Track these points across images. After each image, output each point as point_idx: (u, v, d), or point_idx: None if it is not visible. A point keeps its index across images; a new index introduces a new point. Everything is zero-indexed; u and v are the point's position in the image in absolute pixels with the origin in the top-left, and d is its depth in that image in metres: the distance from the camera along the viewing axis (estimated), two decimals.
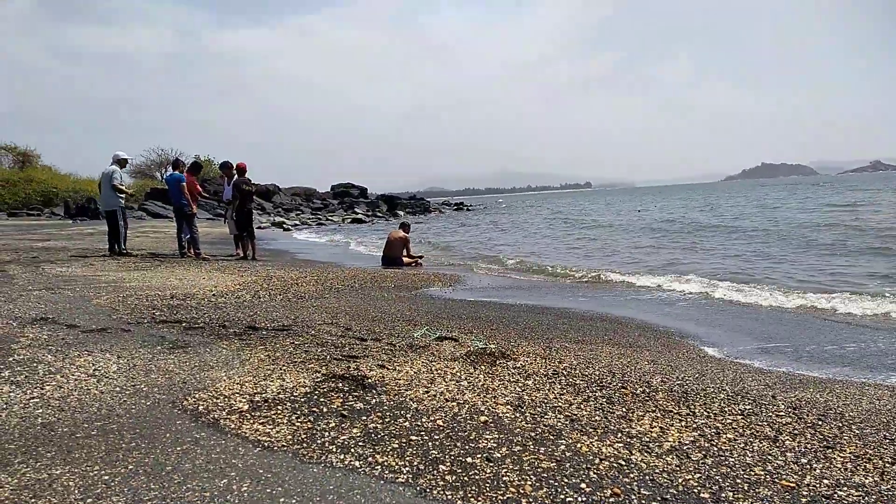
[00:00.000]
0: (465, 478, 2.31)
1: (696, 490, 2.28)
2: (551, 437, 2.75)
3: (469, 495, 2.19)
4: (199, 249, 11.35)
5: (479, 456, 2.51)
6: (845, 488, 2.33)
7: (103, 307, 5.68)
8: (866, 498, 2.26)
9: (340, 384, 3.40)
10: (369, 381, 3.47)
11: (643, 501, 2.19)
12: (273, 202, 42.63)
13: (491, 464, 2.44)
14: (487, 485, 2.26)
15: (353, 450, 2.53)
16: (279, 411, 2.96)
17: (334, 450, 2.53)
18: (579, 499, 2.19)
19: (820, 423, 3.10)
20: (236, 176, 11.86)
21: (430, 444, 2.62)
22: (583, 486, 2.28)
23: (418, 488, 2.23)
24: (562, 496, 2.20)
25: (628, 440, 2.75)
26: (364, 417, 2.91)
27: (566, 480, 2.32)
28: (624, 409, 3.19)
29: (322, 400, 3.14)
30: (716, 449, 2.69)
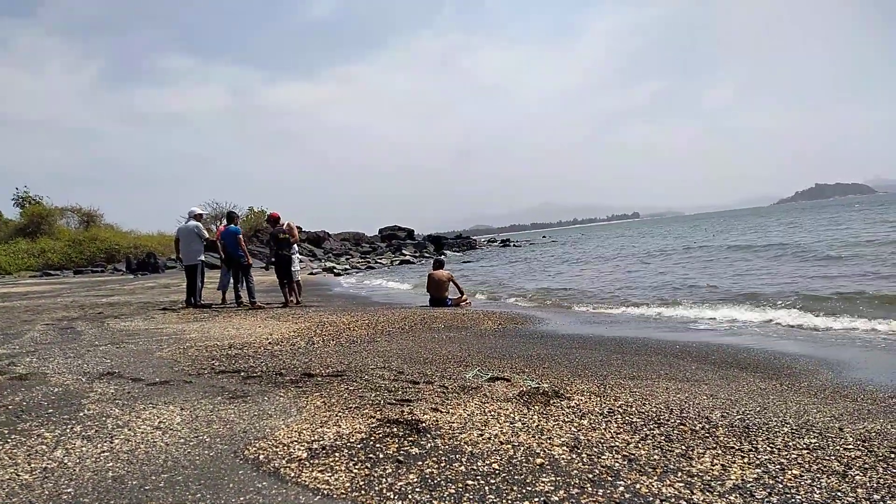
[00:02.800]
0: None
1: None
2: (609, 479, 2.71)
3: None
4: (255, 298, 11.67)
5: (536, 499, 2.50)
6: None
7: (165, 359, 5.89)
8: None
9: (395, 429, 3.44)
10: (423, 424, 3.50)
11: None
12: (323, 248, 43.49)
13: None
14: None
15: (410, 496, 2.56)
16: (337, 458, 3.01)
17: (392, 496, 2.56)
18: None
19: (892, 455, 2.97)
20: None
21: (486, 488, 2.62)
22: None
23: None
24: None
25: (689, 479, 2.69)
26: (420, 462, 2.94)
27: None
28: (683, 447, 3.13)
29: (378, 446, 3.18)
30: (781, 486, 2.60)
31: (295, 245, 12.82)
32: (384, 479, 2.74)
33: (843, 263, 15.43)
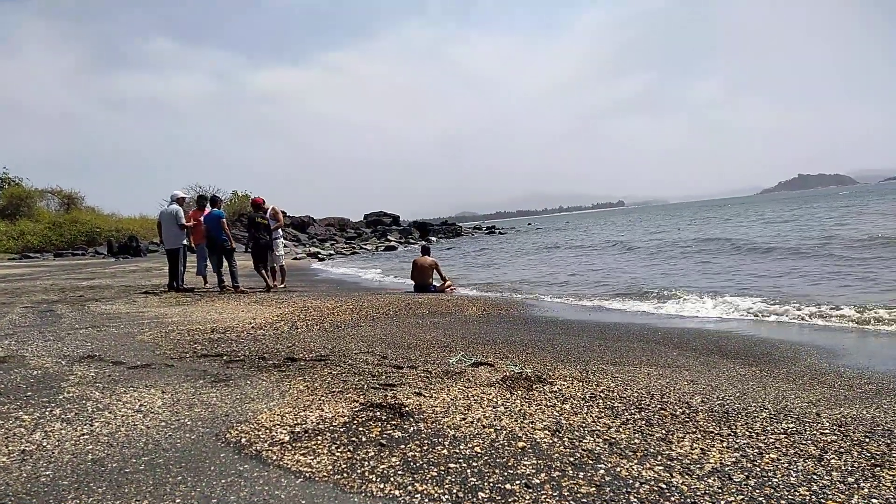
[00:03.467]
0: None
1: None
2: (590, 462, 2.73)
3: None
4: (238, 283, 11.59)
5: (517, 482, 2.51)
6: None
7: (147, 343, 5.84)
8: None
9: (378, 413, 3.44)
10: (407, 409, 3.51)
11: None
12: (308, 233, 43.25)
13: (530, 490, 2.44)
14: None
15: (392, 478, 2.56)
16: (319, 442, 3.01)
17: (374, 479, 2.56)
18: None
19: (867, 440, 3.02)
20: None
21: (468, 471, 2.63)
22: None
23: None
24: None
25: (669, 462, 2.72)
26: (402, 446, 2.94)
27: None
28: (664, 431, 3.16)
29: (361, 429, 3.18)
30: (759, 469, 2.64)
31: (280, 230, 12.73)
32: (367, 462, 2.74)
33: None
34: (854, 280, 10.86)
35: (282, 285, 12.59)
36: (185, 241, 11.63)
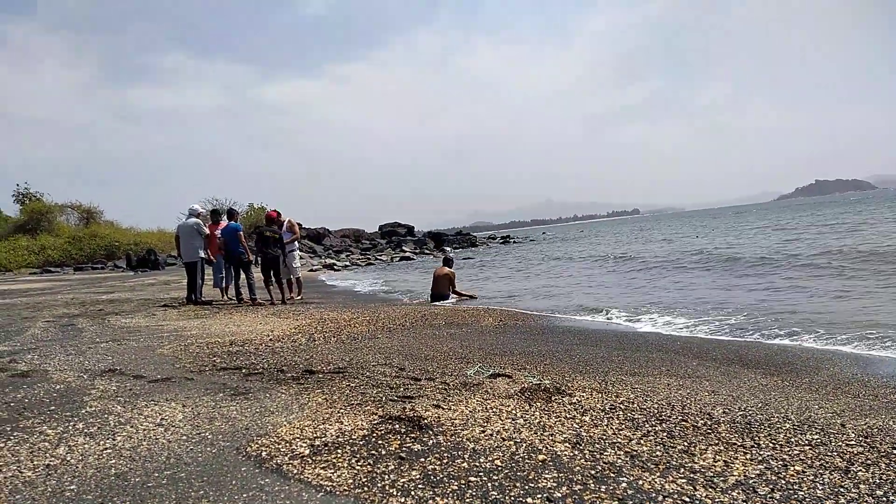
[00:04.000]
0: None
1: None
2: (612, 475, 2.71)
3: None
4: (255, 295, 11.66)
5: (539, 496, 2.50)
6: None
7: (167, 356, 5.89)
8: None
9: (397, 426, 3.44)
10: (425, 421, 3.50)
11: None
12: (323, 245, 43.45)
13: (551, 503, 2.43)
14: None
15: (413, 492, 2.56)
16: (339, 455, 3.01)
17: (395, 493, 2.56)
18: None
19: (894, 451, 2.97)
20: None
21: (489, 484, 2.62)
22: None
23: None
24: None
25: (691, 475, 2.69)
26: (422, 459, 2.94)
27: None
28: (685, 443, 3.13)
29: (380, 442, 3.18)
30: (784, 482, 2.60)
31: (296, 242, 12.78)
32: (387, 476, 2.74)
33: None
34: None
35: (298, 297, 12.65)
36: (202, 254, 11.74)
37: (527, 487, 2.58)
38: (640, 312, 9.68)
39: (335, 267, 29.56)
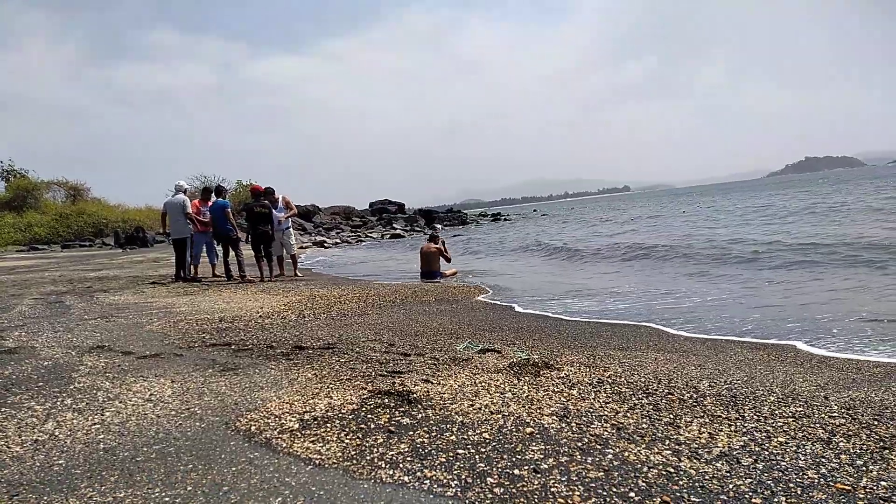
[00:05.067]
0: (513, 490, 2.33)
1: (747, 496, 2.25)
2: (598, 447, 2.74)
3: None
4: (245, 272, 11.62)
5: (526, 467, 2.53)
6: None
7: (156, 333, 5.88)
8: None
9: (386, 400, 3.46)
10: (414, 396, 3.52)
11: None
12: (313, 222, 43.27)
13: (538, 475, 2.45)
14: (536, 496, 2.28)
15: (401, 465, 2.58)
16: (328, 429, 3.03)
17: (383, 465, 2.58)
18: None
19: (875, 423, 3.02)
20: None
21: (477, 456, 2.65)
22: (631, 494, 2.28)
23: (467, 501, 2.26)
24: None
25: (676, 447, 2.73)
26: (411, 432, 2.96)
27: (615, 490, 2.32)
28: (671, 416, 3.17)
29: (369, 416, 3.20)
30: (767, 453, 2.64)
31: (290, 219, 12.65)
32: (375, 449, 2.76)
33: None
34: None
35: (296, 274, 12.64)
36: (190, 231, 11.65)
37: (514, 459, 2.61)
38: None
39: (325, 244, 29.49)
